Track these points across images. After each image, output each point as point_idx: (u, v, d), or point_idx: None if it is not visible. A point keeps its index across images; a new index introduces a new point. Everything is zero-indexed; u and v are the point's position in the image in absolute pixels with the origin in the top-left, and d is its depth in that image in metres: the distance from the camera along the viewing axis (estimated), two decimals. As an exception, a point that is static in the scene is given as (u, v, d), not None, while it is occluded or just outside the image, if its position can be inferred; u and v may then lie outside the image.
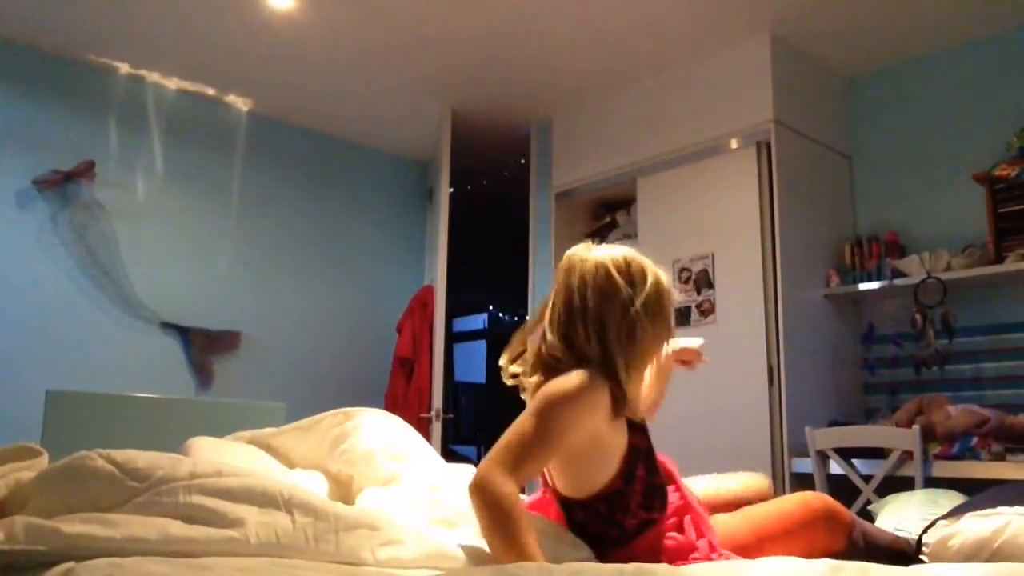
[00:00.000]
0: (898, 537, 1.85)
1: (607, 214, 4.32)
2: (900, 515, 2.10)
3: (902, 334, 3.35)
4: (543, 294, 4.24)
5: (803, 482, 3.01)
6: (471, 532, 1.41)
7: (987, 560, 1.55)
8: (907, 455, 2.81)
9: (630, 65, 3.79)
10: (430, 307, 4.24)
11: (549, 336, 1.51)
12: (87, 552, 1.12)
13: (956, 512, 1.73)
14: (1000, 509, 1.61)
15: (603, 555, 1.45)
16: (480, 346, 8.12)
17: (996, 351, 3.20)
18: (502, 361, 1.61)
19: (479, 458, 7.35)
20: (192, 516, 1.22)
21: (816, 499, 1.72)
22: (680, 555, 1.49)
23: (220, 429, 2.03)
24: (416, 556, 1.28)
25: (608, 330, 1.45)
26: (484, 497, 1.30)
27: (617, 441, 1.48)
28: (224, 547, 1.17)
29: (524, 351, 1.59)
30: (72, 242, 3.65)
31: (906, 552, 1.76)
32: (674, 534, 1.54)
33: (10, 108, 3.58)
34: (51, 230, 3.61)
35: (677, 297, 2.23)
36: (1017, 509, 1.59)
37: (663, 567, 1.21)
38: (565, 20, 3.41)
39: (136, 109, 3.94)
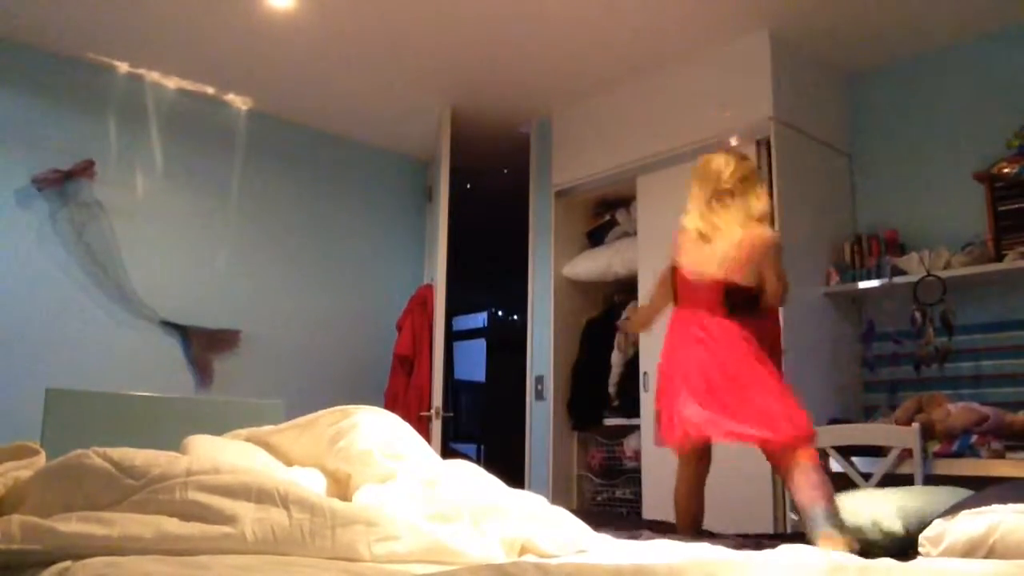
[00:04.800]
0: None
1: (607, 212, 4.32)
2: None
3: (902, 332, 3.35)
4: (543, 292, 4.26)
5: (802, 480, 3.00)
6: (468, 527, 1.42)
7: (983, 558, 1.55)
8: (907, 453, 2.81)
9: (630, 64, 3.79)
10: (430, 305, 4.24)
11: None
12: (84, 551, 1.12)
13: (953, 510, 1.73)
14: (993, 507, 1.61)
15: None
16: (480, 344, 8.10)
17: (995, 349, 3.20)
18: None
19: (479, 456, 7.30)
20: (188, 513, 1.22)
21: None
22: None
23: (219, 427, 2.04)
24: (412, 550, 1.29)
25: None
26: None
27: None
28: (220, 544, 1.17)
29: None
30: (71, 241, 3.65)
31: None
32: None
33: (10, 107, 3.58)
34: (50, 229, 3.61)
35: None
36: (1010, 507, 1.59)
37: (662, 566, 1.21)
38: (565, 19, 3.41)
39: (135, 108, 3.93)
